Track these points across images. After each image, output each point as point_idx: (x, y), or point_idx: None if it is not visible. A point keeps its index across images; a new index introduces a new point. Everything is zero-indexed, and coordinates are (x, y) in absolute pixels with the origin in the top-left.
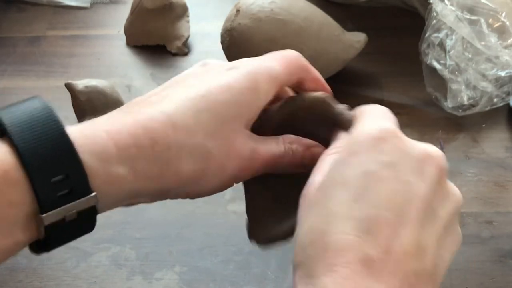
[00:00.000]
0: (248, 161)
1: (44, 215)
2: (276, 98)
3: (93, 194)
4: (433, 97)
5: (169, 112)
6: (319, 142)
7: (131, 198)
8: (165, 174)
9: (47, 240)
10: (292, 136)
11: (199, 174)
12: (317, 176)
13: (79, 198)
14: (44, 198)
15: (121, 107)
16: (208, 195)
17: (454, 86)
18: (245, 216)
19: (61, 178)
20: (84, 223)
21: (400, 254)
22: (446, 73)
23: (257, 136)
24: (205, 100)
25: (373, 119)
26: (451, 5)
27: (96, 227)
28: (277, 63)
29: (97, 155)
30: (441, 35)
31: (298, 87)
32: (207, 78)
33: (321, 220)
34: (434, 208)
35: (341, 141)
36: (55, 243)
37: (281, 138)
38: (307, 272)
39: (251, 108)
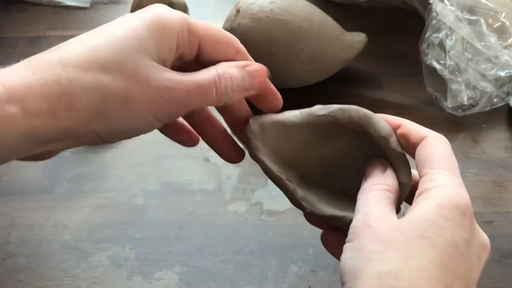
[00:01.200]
0: (165, 92)
1: None
2: None
3: None
4: (433, 97)
5: (61, 53)
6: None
7: (34, 143)
8: (57, 111)
9: None
10: (227, 63)
11: (96, 108)
12: (381, 212)
13: None
14: None
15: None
16: (126, 136)
17: (454, 86)
18: (245, 216)
19: None
20: None
21: None
22: (446, 73)
23: (180, 72)
24: (103, 37)
25: (456, 183)
26: (451, 5)
27: (96, 227)
28: (201, 24)
29: None
30: (441, 35)
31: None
32: (119, 20)
33: (410, 270)
34: None
35: (395, 187)
36: None
37: (214, 66)
38: None
39: (160, 45)
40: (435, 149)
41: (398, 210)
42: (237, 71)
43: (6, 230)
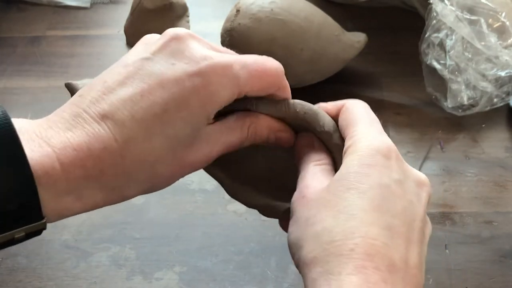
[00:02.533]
0: (201, 163)
1: None
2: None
3: (44, 220)
4: (433, 97)
5: (119, 137)
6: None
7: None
8: (111, 198)
9: None
10: (261, 120)
11: (144, 191)
12: (315, 181)
13: (29, 224)
14: None
15: (74, 102)
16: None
17: (454, 86)
18: (245, 216)
19: (17, 207)
20: (31, 237)
21: (413, 268)
22: (446, 73)
23: (216, 131)
24: (159, 122)
25: (372, 130)
26: (451, 5)
27: (96, 227)
28: (245, 72)
29: (50, 187)
30: (441, 35)
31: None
32: (166, 84)
33: (344, 222)
34: (424, 229)
35: (321, 149)
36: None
37: (248, 122)
38: (329, 269)
39: (208, 115)
40: (352, 111)
41: None
42: (266, 133)
43: None
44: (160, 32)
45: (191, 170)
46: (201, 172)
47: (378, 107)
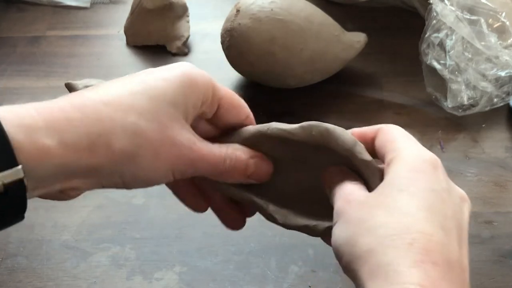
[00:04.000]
0: (186, 152)
1: None
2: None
3: (19, 166)
4: (433, 97)
5: (102, 93)
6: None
7: (63, 177)
8: (96, 147)
9: None
10: (237, 146)
11: (132, 152)
12: (356, 190)
13: (4, 170)
14: None
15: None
16: (145, 185)
17: (454, 86)
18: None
19: None
20: (13, 202)
21: (465, 270)
22: (446, 73)
23: (198, 136)
24: (141, 83)
25: (416, 145)
26: (451, 5)
27: (96, 227)
28: (224, 89)
29: (23, 127)
30: (441, 35)
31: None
32: (147, 71)
33: (398, 218)
34: (466, 240)
35: (355, 176)
36: None
37: (225, 144)
38: (388, 261)
39: (188, 101)
40: (391, 133)
41: None
42: (244, 157)
43: (6, 230)
44: (160, 32)
45: (174, 156)
46: None
47: (378, 107)
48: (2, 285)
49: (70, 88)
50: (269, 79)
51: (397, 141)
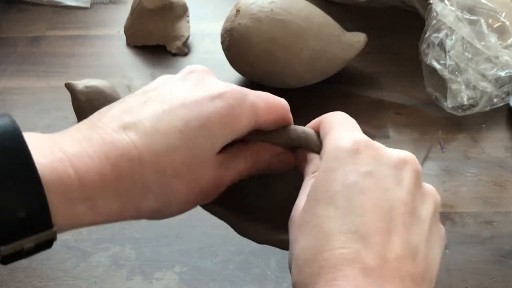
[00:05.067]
0: (214, 188)
1: (2, 247)
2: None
3: (54, 229)
4: (433, 97)
5: (139, 145)
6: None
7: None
8: (125, 211)
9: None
10: (260, 146)
11: (160, 208)
12: (301, 199)
13: (39, 232)
14: (5, 231)
15: (92, 119)
16: (166, 218)
17: (454, 86)
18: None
19: (24, 214)
20: (41, 249)
21: (394, 260)
22: (446, 73)
23: (225, 158)
24: (181, 137)
25: (342, 131)
26: (451, 5)
27: (96, 227)
28: (263, 104)
29: (62, 194)
30: (441, 35)
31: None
32: (188, 104)
33: (314, 239)
34: (416, 210)
35: (315, 161)
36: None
37: (249, 151)
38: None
39: (225, 140)
40: (327, 121)
41: None
42: (268, 158)
43: None
44: (160, 32)
45: (203, 196)
46: None
47: (378, 107)
48: (2, 285)
49: (70, 88)
50: (269, 79)
51: (329, 132)
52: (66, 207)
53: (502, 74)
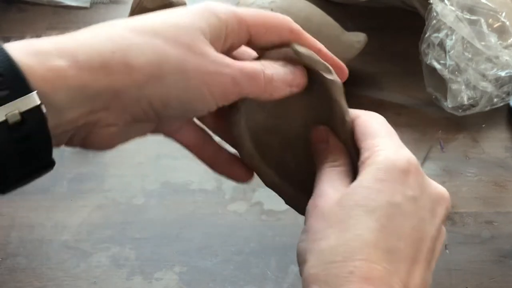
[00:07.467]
0: (219, 65)
1: None
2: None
3: (34, 92)
4: (433, 97)
5: (112, 21)
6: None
7: (83, 105)
8: (111, 65)
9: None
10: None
11: (154, 70)
12: (330, 189)
13: (18, 97)
14: None
15: None
16: (180, 112)
17: (454, 86)
18: (245, 216)
19: None
20: (35, 138)
21: (417, 284)
22: (446, 73)
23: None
24: (156, 15)
25: (393, 144)
26: (451, 5)
27: (96, 227)
28: (247, 13)
29: (32, 51)
30: (441, 35)
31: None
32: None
33: (346, 242)
34: (435, 248)
35: (338, 152)
36: (11, 171)
37: (258, 61)
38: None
39: (212, 30)
40: (369, 122)
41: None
42: (279, 66)
43: (6, 230)
44: None
45: (204, 72)
46: (201, 172)
47: (378, 107)
48: (2, 285)
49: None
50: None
51: (373, 137)
52: (40, 62)
53: (502, 74)
